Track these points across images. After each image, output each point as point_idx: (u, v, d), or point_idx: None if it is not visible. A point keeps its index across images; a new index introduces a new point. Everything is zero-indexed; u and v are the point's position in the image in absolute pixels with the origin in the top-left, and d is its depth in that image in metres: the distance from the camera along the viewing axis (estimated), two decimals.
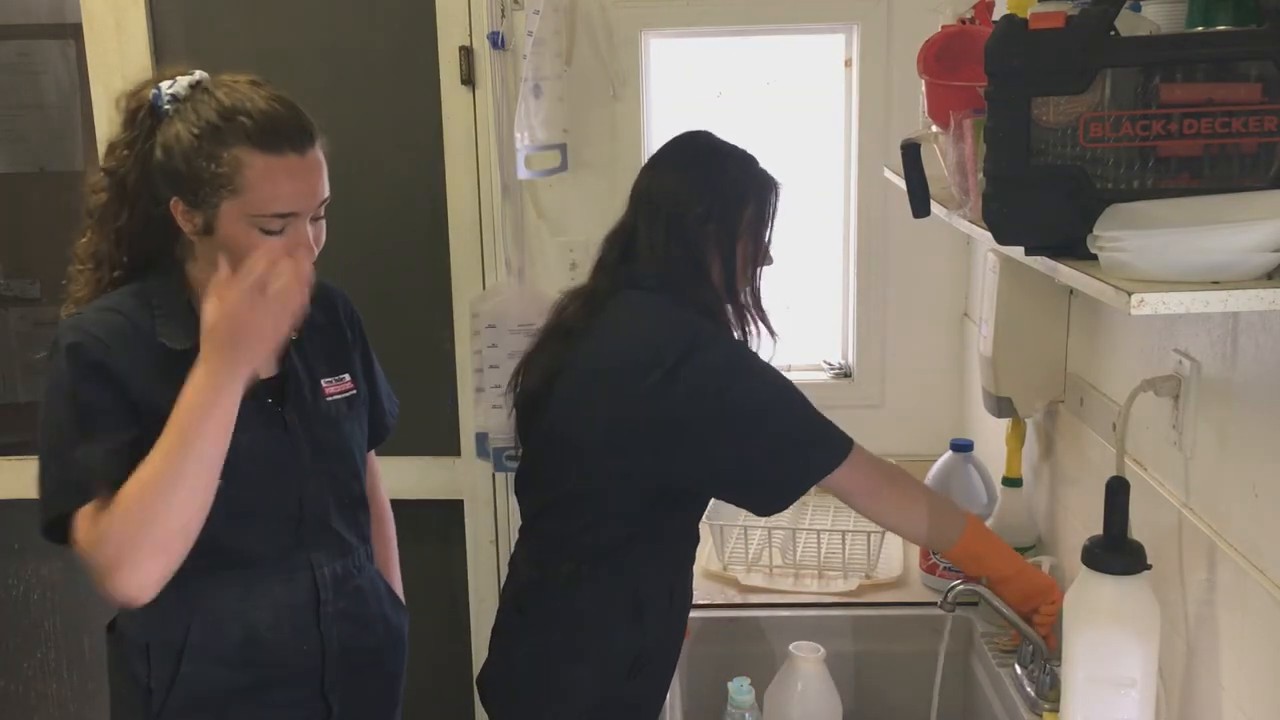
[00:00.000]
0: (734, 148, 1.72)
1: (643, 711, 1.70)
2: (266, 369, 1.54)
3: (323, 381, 1.60)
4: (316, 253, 1.48)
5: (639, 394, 1.55)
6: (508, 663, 1.71)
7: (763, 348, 1.71)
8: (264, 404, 1.52)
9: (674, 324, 1.61)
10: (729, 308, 1.68)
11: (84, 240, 1.52)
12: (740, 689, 1.69)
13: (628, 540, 1.62)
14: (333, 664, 1.57)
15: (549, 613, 1.67)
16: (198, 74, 1.47)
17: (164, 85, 1.45)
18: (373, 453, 1.79)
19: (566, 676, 1.65)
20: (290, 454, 1.53)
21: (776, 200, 1.70)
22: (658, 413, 1.55)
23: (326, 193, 1.47)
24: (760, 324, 1.72)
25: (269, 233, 1.41)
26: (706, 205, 1.64)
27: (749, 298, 1.71)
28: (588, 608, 1.64)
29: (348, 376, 1.64)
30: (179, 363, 1.45)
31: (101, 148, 1.55)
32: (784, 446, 1.57)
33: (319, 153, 1.45)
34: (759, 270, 1.71)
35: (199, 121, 1.41)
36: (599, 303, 1.67)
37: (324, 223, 1.50)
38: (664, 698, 1.73)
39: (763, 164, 1.71)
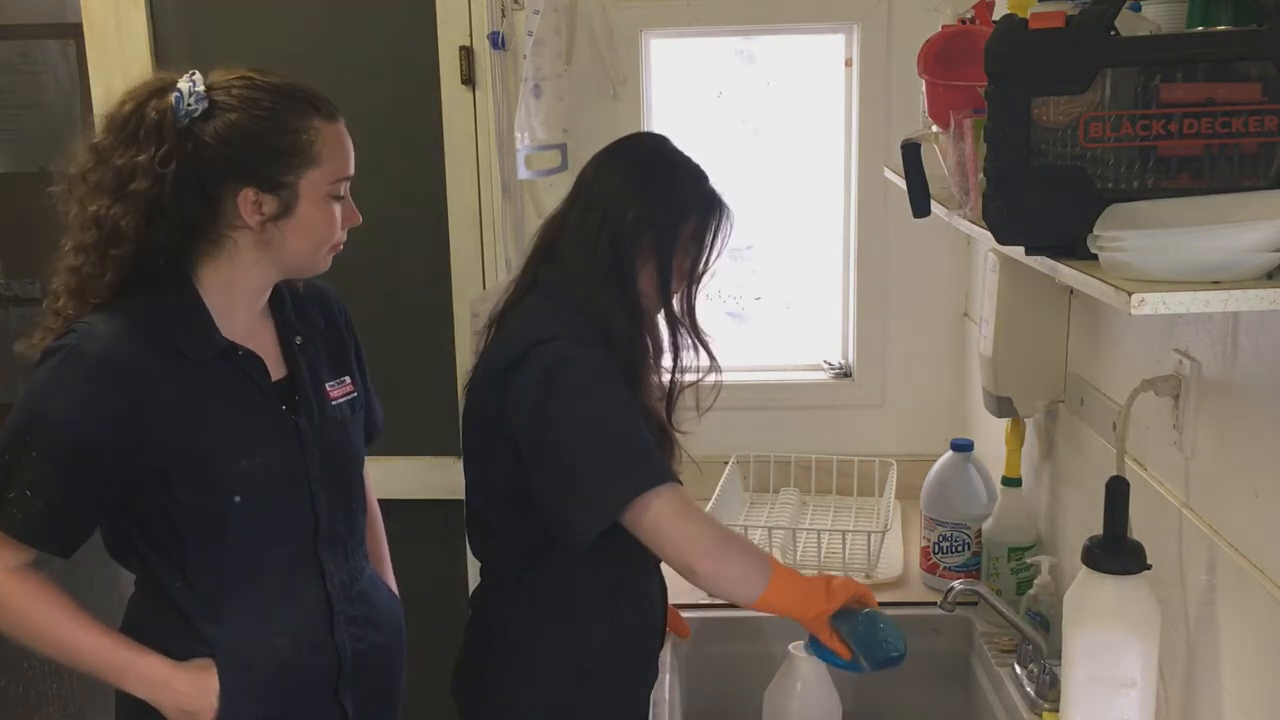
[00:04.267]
0: (687, 160, 1.67)
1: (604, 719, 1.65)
2: (274, 371, 1.54)
3: (327, 385, 1.60)
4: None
5: (487, 401, 1.58)
6: (459, 669, 1.72)
7: (700, 365, 1.67)
8: (277, 411, 1.52)
9: (526, 329, 1.58)
10: (657, 318, 1.64)
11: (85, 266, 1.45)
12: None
13: (539, 546, 1.59)
14: (346, 669, 1.58)
15: (485, 620, 1.68)
16: (194, 73, 1.44)
17: (184, 86, 1.41)
18: None
19: (504, 684, 1.65)
20: (302, 462, 1.53)
21: (720, 224, 1.64)
22: (499, 422, 1.56)
23: None
24: (695, 342, 1.67)
25: (340, 200, 1.48)
26: (648, 210, 1.60)
27: (685, 315, 1.66)
28: (515, 614, 1.63)
29: (348, 379, 1.64)
30: (197, 371, 1.45)
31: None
32: (589, 469, 1.49)
33: None
34: (694, 289, 1.66)
35: (258, 105, 1.42)
36: (514, 301, 1.66)
37: None
38: (633, 706, 1.68)
39: (713, 184, 1.66)
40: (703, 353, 1.67)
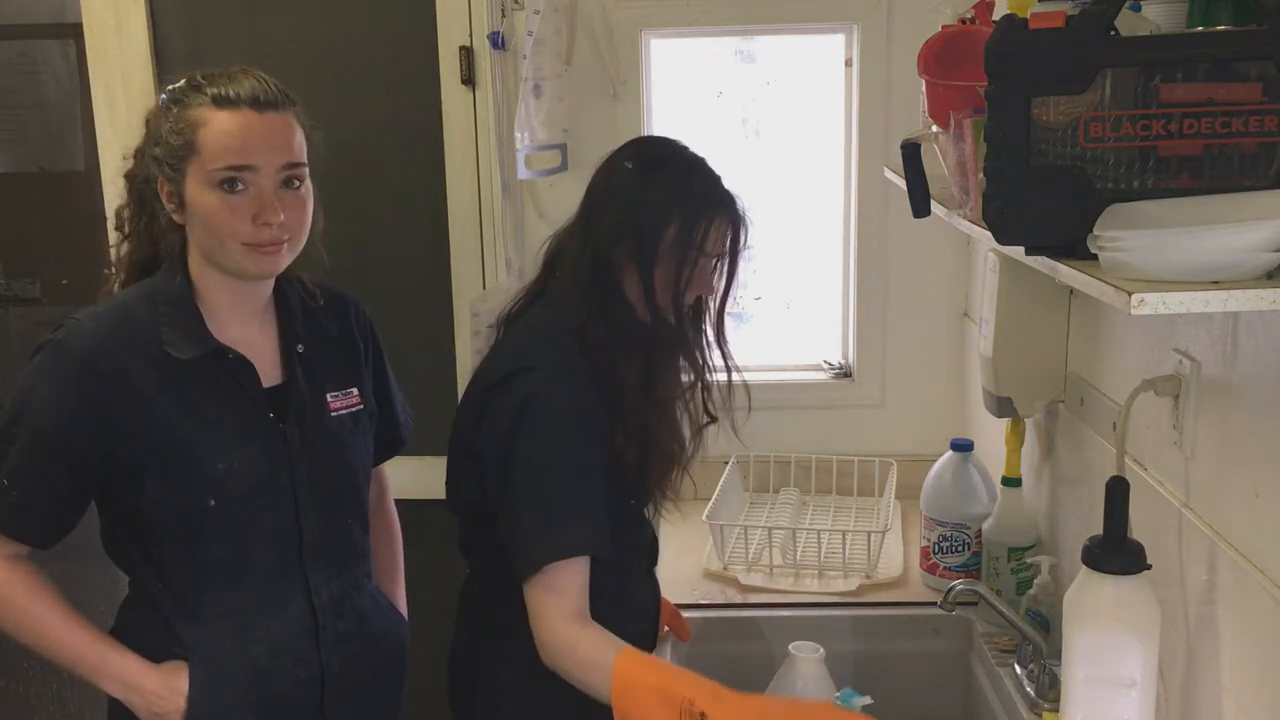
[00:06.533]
0: (681, 160, 1.58)
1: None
2: (270, 376, 1.53)
3: (328, 395, 1.57)
4: (304, 227, 1.48)
5: (469, 413, 1.57)
6: (451, 658, 1.72)
7: (709, 377, 1.63)
8: (265, 417, 1.50)
9: (521, 347, 1.58)
10: (657, 333, 1.57)
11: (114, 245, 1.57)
12: (848, 695, 1.63)
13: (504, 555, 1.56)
14: (332, 686, 1.56)
15: (471, 613, 1.69)
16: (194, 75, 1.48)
17: (170, 87, 1.47)
18: (383, 466, 1.78)
19: (496, 683, 1.65)
20: (287, 471, 1.51)
21: (709, 227, 1.53)
22: (472, 437, 1.56)
23: (298, 157, 1.46)
24: (698, 356, 1.62)
25: (231, 192, 1.41)
26: (620, 219, 1.53)
27: (686, 326, 1.58)
28: (498, 612, 1.62)
29: (355, 391, 1.61)
30: (184, 372, 1.45)
31: (102, 147, 1.56)
32: (529, 518, 1.48)
33: (287, 116, 1.45)
34: (683, 296, 1.55)
35: (175, 100, 1.45)
36: (522, 307, 1.65)
37: (306, 195, 1.48)
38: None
39: (712, 186, 1.56)
40: (719, 359, 1.64)
